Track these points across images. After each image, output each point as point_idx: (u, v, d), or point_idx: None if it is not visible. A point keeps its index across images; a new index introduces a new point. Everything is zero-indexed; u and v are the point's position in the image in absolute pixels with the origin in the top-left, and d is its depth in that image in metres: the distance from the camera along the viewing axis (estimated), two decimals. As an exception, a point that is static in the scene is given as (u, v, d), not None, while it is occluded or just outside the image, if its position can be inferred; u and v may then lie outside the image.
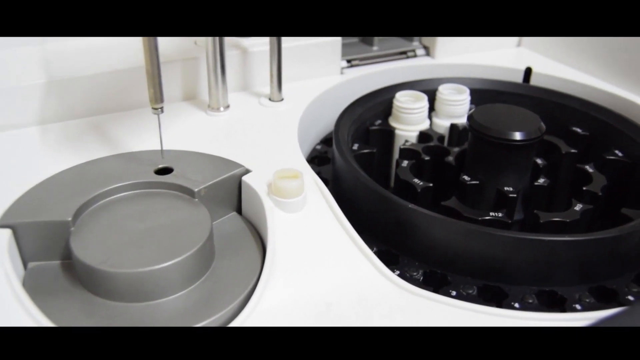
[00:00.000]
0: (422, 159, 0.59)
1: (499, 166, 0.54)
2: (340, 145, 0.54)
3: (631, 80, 0.67)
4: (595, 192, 0.54)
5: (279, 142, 0.54)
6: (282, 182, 0.45)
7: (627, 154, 0.59)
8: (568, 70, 0.73)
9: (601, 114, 0.63)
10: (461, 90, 0.66)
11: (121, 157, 0.50)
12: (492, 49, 0.79)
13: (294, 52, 0.65)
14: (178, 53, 0.61)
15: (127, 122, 0.57)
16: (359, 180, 0.50)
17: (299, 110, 0.60)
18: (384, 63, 0.73)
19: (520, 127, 0.53)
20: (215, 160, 0.50)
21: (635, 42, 0.66)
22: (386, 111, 0.65)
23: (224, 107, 0.59)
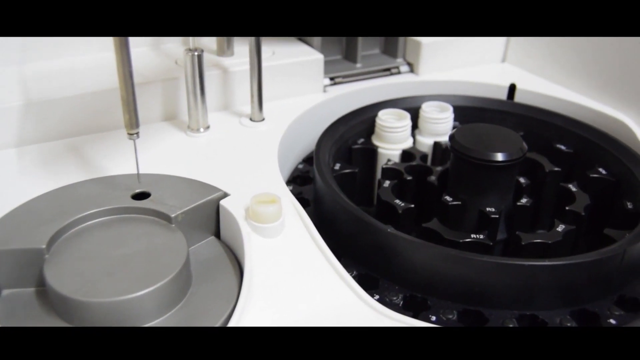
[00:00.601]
0: (405, 178, 0.58)
1: (481, 186, 0.54)
2: (320, 167, 0.53)
3: (615, 97, 0.67)
4: (579, 212, 0.54)
5: (258, 164, 0.54)
6: (259, 207, 0.45)
7: (610, 172, 0.58)
8: (552, 86, 0.73)
9: (585, 131, 0.62)
10: (444, 108, 0.65)
11: (98, 181, 0.50)
12: (477, 65, 0.79)
13: (276, 71, 0.65)
14: (158, 73, 0.60)
15: (106, 143, 0.56)
16: (338, 203, 0.49)
17: (280, 131, 0.59)
18: (367, 80, 0.73)
19: (502, 148, 0.53)
20: (193, 184, 0.50)
21: (619, 58, 0.65)
22: (369, 130, 0.64)
23: (204, 127, 0.58)
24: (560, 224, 0.51)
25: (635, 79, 0.64)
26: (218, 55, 0.65)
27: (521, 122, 0.66)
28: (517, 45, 0.79)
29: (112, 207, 0.46)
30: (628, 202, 0.55)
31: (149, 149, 0.56)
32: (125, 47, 0.42)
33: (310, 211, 0.55)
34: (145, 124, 0.60)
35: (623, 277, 0.46)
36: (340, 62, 0.75)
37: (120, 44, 0.41)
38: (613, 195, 0.58)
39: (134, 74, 0.57)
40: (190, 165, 0.53)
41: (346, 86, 0.71)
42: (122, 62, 0.42)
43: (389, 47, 0.77)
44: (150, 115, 0.60)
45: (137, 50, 0.66)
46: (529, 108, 0.67)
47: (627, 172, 0.57)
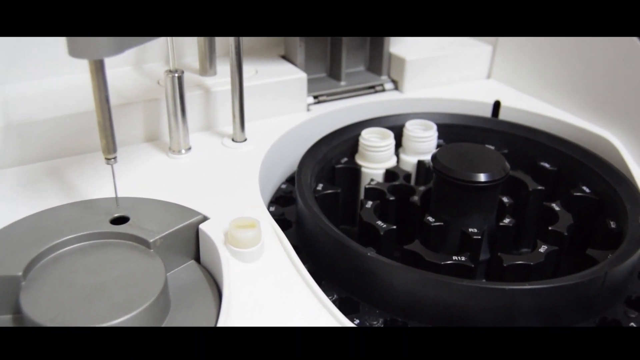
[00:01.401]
0: (387, 199, 0.58)
1: (464, 207, 0.54)
2: (302, 188, 0.53)
3: (600, 114, 0.67)
4: (561, 232, 0.53)
5: (239, 186, 0.54)
6: (238, 232, 0.44)
7: (594, 191, 0.58)
8: (537, 103, 0.73)
9: (569, 149, 0.62)
10: (428, 127, 0.65)
11: (76, 205, 0.49)
12: (462, 82, 0.79)
13: (259, 90, 0.65)
14: (140, 94, 0.60)
15: (86, 165, 0.56)
16: (318, 226, 0.49)
17: (262, 151, 0.59)
18: (351, 98, 0.72)
19: (484, 168, 0.53)
20: (172, 208, 0.49)
21: (603, 75, 0.65)
22: (353, 148, 0.64)
23: (185, 149, 0.58)
24: (543, 244, 0.51)
25: (620, 96, 0.64)
26: (201, 75, 0.65)
27: (505, 139, 0.66)
28: (502, 61, 0.79)
29: (91, 233, 0.46)
30: (611, 221, 0.55)
31: (130, 171, 0.55)
32: (101, 72, 0.41)
33: (292, 232, 0.55)
34: (127, 145, 0.60)
35: (604, 300, 0.46)
36: (325, 80, 0.75)
37: (95, 68, 0.41)
38: (596, 214, 0.58)
39: (116, 95, 0.58)
40: (171, 187, 0.53)
41: (330, 104, 0.71)
42: (97, 86, 0.42)
43: (374, 65, 0.77)
44: (132, 137, 0.60)
45: (119, 70, 0.66)
46: (514, 125, 0.67)
47: (610, 190, 0.56)
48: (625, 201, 0.54)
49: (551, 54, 0.71)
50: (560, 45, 0.70)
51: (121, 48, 0.39)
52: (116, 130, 0.56)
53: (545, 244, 0.51)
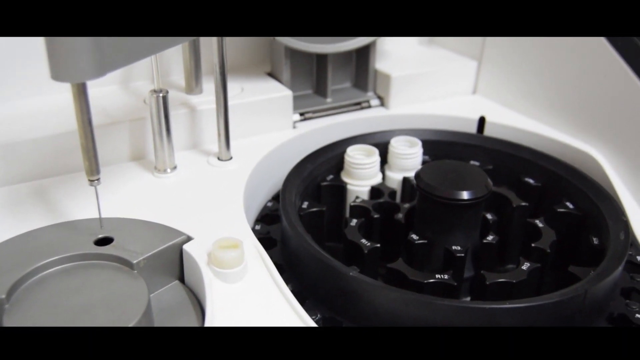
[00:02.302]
0: (372, 216, 0.58)
1: (447, 225, 0.54)
2: (286, 208, 0.53)
3: (583, 130, 0.67)
4: (544, 249, 0.54)
5: (224, 206, 0.54)
6: (221, 252, 0.44)
7: (577, 207, 0.59)
8: (522, 118, 0.73)
9: (553, 165, 0.63)
10: (413, 143, 0.65)
11: (61, 227, 0.49)
12: (447, 97, 0.79)
13: (245, 108, 0.65)
14: (126, 113, 0.60)
15: (71, 185, 0.56)
16: (302, 246, 0.49)
17: (248, 170, 0.59)
18: (337, 115, 0.73)
19: (467, 186, 0.53)
20: (156, 228, 0.49)
21: (587, 90, 0.66)
22: (338, 165, 0.65)
23: (171, 168, 0.58)
24: (526, 261, 0.51)
25: (602, 113, 0.64)
26: (187, 93, 0.65)
27: (490, 155, 0.67)
28: (487, 76, 0.79)
29: (74, 254, 0.46)
30: (594, 237, 0.55)
31: (115, 190, 0.55)
32: (83, 95, 0.41)
33: (277, 251, 0.55)
34: (113, 164, 0.60)
35: (586, 318, 0.46)
36: (311, 96, 0.75)
37: (78, 91, 0.41)
38: (580, 230, 0.58)
39: (102, 114, 0.58)
40: (156, 207, 0.53)
41: (316, 121, 0.71)
42: (80, 109, 0.42)
43: (360, 81, 0.77)
44: (118, 156, 0.60)
45: (105, 89, 0.66)
46: (498, 141, 0.67)
47: (593, 207, 0.57)
48: (608, 218, 0.54)
49: (535, 69, 0.72)
50: (544, 61, 0.70)
51: (103, 71, 0.40)
52: (102, 149, 0.56)
53: (527, 261, 0.51)
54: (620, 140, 0.63)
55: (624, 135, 0.62)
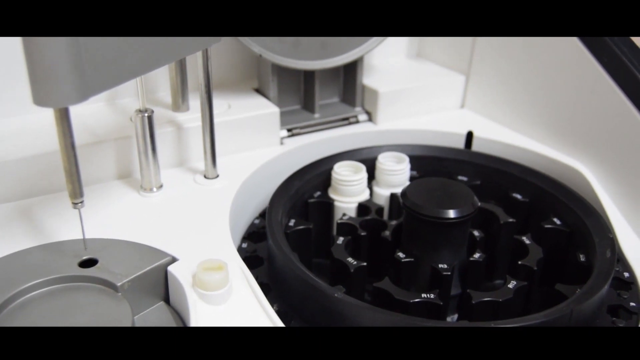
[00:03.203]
0: (359, 234, 0.58)
1: (434, 243, 0.54)
2: (272, 227, 0.53)
3: (571, 144, 0.67)
4: (531, 267, 0.54)
5: (209, 225, 0.54)
6: (205, 274, 0.44)
7: (564, 223, 0.59)
8: (510, 133, 0.73)
9: (540, 180, 0.63)
10: (401, 159, 0.65)
11: (45, 248, 0.49)
12: (436, 112, 0.79)
13: (232, 125, 0.65)
14: (111, 132, 0.60)
15: (56, 205, 0.55)
16: (287, 266, 0.49)
17: (234, 188, 0.59)
18: (325, 131, 0.73)
19: (454, 204, 0.53)
20: (141, 250, 0.49)
21: (574, 105, 0.66)
22: (326, 182, 0.64)
23: (157, 187, 0.58)
24: (512, 280, 0.51)
25: (589, 128, 0.65)
26: (173, 111, 0.65)
27: (478, 171, 0.67)
28: (475, 90, 0.79)
29: (58, 277, 0.46)
30: (581, 254, 0.55)
31: (101, 210, 0.55)
32: (66, 119, 0.41)
33: (264, 270, 0.55)
34: (99, 183, 0.59)
35: (571, 337, 0.46)
36: (299, 112, 0.75)
37: (60, 115, 0.41)
38: (567, 247, 0.58)
39: (88, 133, 0.58)
40: (141, 227, 0.53)
41: (304, 137, 0.71)
42: (63, 133, 0.42)
43: (347, 96, 0.77)
44: (104, 175, 0.60)
45: (91, 107, 0.66)
46: (486, 157, 0.67)
47: (580, 222, 0.57)
48: (594, 234, 0.55)
49: (523, 84, 0.72)
50: (531, 76, 0.70)
51: (85, 96, 0.40)
52: (87, 168, 0.56)
53: (514, 280, 0.51)
54: (607, 156, 0.63)
55: (610, 151, 0.62)
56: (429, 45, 0.86)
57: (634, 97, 0.59)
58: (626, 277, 0.54)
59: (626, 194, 0.61)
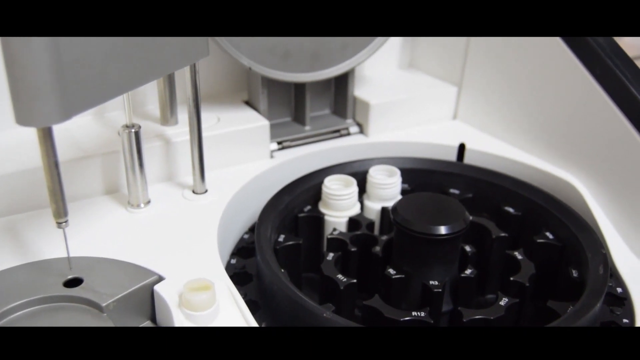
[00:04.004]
0: (349, 250, 0.58)
1: (425, 259, 0.53)
2: (261, 243, 0.53)
3: (564, 157, 0.67)
4: (523, 283, 0.53)
5: (197, 243, 0.53)
6: (191, 295, 0.44)
7: (557, 237, 0.58)
8: (502, 145, 0.73)
9: (532, 194, 0.62)
10: (392, 172, 0.65)
11: (30, 267, 0.48)
12: (428, 123, 0.78)
13: (221, 139, 0.64)
14: (99, 146, 0.59)
15: (42, 222, 0.55)
16: (275, 284, 0.48)
17: (223, 203, 0.59)
18: (316, 144, 0.72)
19: (445, 220, 0.52)
20: (127, 268, 0.48)
21: (567, 118, 0.66)
22: (316, 196, 0.64)
23: (145, 203, 0.57)
24: (504, 296, 0.51)
25: (582, 140, 0.64)
26: (162, 124, 0.64)
27: (470, 184, 0.66)
28: (467, 101, 0.79)
29: (42, 297, 0.45)
30: (573, 269, 0.55)
31: (87, 226, 0.55)
32: (49, 138, 0.41)
33: (253, 286, 0.54)
34: (86, 198, 0.59)
35: (563, 357, 0.46)
36: (289, 124, 0.74)
37: (43, 134, 0.40)
38: (559, 261, 0.58)
39: (75, 147, 0.57)
40: (128, 244, 0.52)
41: (294, 150, 0.70)
42: (46, 153, 0.41)
43: (339, 108, 0.76)
44: (91, 190, 0.59)
45: (79, 120, 0.65)
46: (478, 169, 0.67)
47: (573, 237, 0.56)
48: (587, 249, 0.54)
49: (515, 95, 0.71)
50: (524, 87, 0.70)
51: (68, 115, 0.39)
52: (74, 183, 0.56)
53: (506, 296, 0.51)
54: (600, 169, 0.62)
55: (603, 164, 0.62)
56: (421, 55, 0.86)
57: (627, 110, 0.59)
58: (619, 292, 0.54)
59: (619, 207, 0.61)
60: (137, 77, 0.45)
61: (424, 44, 0.85)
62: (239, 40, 0.63)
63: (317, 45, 0.67)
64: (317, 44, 0.67)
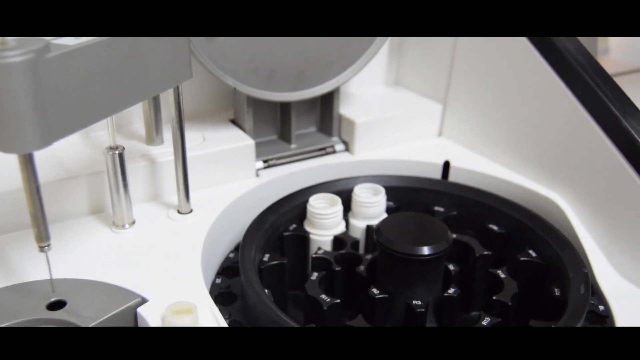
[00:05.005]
0: (333, 269, 0.58)
1: (408, 279, 0.54)
2: (245, 263, 0.53)
3: (547, 175, 0.67)
4: (505, 302, 0.54)
5: (181, 264, 0.53)
6: (173, 318, 0.44)
7: (540, 255, 0.59)
8: (486, 162, 0.73)
9: (516, 212, 0.63)
10: (377, 191, 0.65)
11: (12, 290, 0.49)
12: (413, 140, 0.79)
13: (206, 158, 0.65)
14: (84, 167, 0.60)
15: (25, 243, 0.55)
16: (258, 305, 0.48)
17: (208, 223, 0.59)
18: (301, 162, 0.72)
19: (428, 240, 0.53)
20: (110, 290, 0.49)
21: (548, 136, 0.66)
22: (301, 215, 0.64)
23: (129, 223, 0.57)
24: (486, 316, 0.51)
25: (565, 158, 0.65)
26: (147, 144, 0.65)
27: (454, 201, 0.67)
28: (452, 119, 0.79)
29: (24, 320, 0.45)
30: (556, 288, 0.55)
31: (72, 248, 0.55)
32: (31, 164, 0.41)
33: (238, 306, 0.55)
34: (70, 219, 0.59)
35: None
36: (275, 142, 0.74)
37: (25, 160, 0.41)
38: (543, 280, 0.58)
39: (60, 168, 0.57)
40: (112, 266, 0.52)
41: (280, 168, 0.71)
42: (28, 178, 0.41)
43: (324, 126, 0.77)
44: (76, 210, 0.59)
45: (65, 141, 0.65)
46: (462, 187, 0.67)
47: (555, 256, 0.57)
48: (569, 268, 0.54)
49: (499, 113, 0.72)
50: (508, 105, 0.71)
51: (50, 141, 0.39)
52: (58, 204, 0.56)
53: (488, 316, 0.51)
54: (583, 187, 0.63)
55: (586, 182, 0.62)
56: (407, 73, 0.86)
57: (608, 129, 0.60)
58: (601, 310, 0.54)
59: (602, 225, 0.61)
60: (119, 101, 0.45)
61: (409, 62, 0.85)
62: (224, 61, 0.63)
63: (301, 65, 0.68)
64: (302, 64, 0.68)
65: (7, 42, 0.37)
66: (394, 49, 0.86)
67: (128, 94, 0.46)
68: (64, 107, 0.40)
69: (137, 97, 0.47)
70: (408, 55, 0.85)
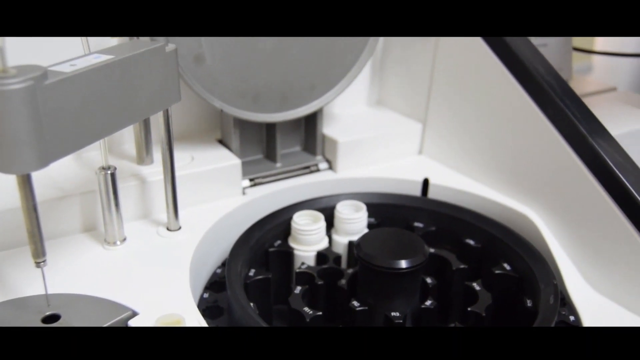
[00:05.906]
0: (316, 283, 0.60)
1: (387, 292, 0.56)
2: (231, 278, 0.55)
3: (521, 191, 0.70)
4: (480, 313, 0.56)
5: (170, 278, 0.55)
6: (163, 329, 0.46)
7: (514, 268, 0.61)
8: (463, 179, 0.76)
9: (491, 227, 0.65)
10: (359, 208, 0.68)
11: (10, 304, 0.51)
12: (394, 159, 0.82)
13: (195, 177, 0.67)
14: (77, 186, 0.62)
15: (20, 259, 0.57)
16: (244, 319, 0.51)
17: (196, 239, 0.61)
18: (286, 180, 0.75)
19: (405, 254, 0.55)
20: (102, 304, 0.51)
21: (522, 154, 0.69)
22: (286, 231, 0.67)
23: (121, 240, 0.60)
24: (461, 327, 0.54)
25: (538, 175, 0.67)
26: (138, 164, 0.67)
27: (433, 217, 0.69)
28: (431, 137, 0.82)
29: (22, 333, 0.47)
30: (528, 299, 0.58)
31: (65, 264, 0.57)
32: (28, 184, 0.43)
33: (224, 320, 0.57)
34: (63, 236, 0.61)
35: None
36: (261, 161, 0.77)
37: (22, 181, 0.43)
38: (517, 292, 0.61)
39: (53, 187, 0.59)
40: (104, 281, 0.54)
41: (265, 187, 0.73)
42: (25, 197, 0.44)
43: (309, 145, 0.79)
44: (69, 228, 0.61)
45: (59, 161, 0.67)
46: (440, 204, 0.70)
47: (527, 269, 0.59)
48: (540, 280, 0.57)
49: (475, 132, 0.75)
50: (483, 124, 0.73)
51: (46, 162, 0.42)
52: (52, 222, 0.58)
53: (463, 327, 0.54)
54: (554, 203, 0.66)
55: (557, 197, 0.65)
56: (389, 93, 0.89)
57: (577, 147, 0.62)
58: (572, 320, 0.57)
59: (573, 239, 0.64)
60: (112, 124, 0.48)
61: (391, 82, 0.88)
62: (211, 84, 0.66)
63: (286, 87, 0.71)
64: (286, 86, 0.71)
65: (8, 70, 0.39)
66: (376, 70, 0.89)
67: (120, 117, 0.49)
68: (60, 130, 0.43)
69: (129, 119, 0.50)
70: (389, 76, 0.88)
